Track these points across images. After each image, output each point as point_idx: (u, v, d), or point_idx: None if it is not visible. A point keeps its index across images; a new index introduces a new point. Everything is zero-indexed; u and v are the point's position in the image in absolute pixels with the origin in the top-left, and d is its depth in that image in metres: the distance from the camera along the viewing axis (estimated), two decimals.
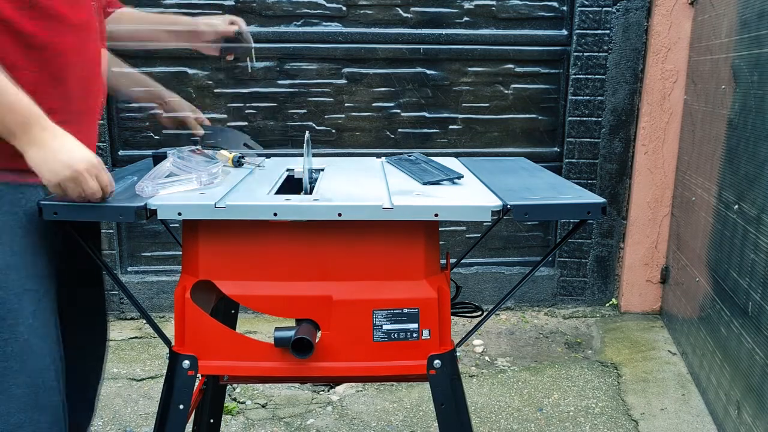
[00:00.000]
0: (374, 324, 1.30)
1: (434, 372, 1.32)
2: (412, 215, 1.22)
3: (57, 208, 1.19)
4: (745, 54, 2.27)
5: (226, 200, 1.23)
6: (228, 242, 1.29)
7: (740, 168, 2.24)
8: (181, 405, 1.32)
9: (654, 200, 3.22)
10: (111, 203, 1.20)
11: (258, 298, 1.31)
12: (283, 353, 1.29)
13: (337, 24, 3.14)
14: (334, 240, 1.29)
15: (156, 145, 3.20)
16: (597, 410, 2.44)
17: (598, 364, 2.81)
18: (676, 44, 3.06)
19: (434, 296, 1.30)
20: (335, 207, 1.22)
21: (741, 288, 2.15)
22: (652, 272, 3.29)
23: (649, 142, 3.17)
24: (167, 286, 3.28)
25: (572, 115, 3.23)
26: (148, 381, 2.65)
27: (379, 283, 1.31)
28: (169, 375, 1.33)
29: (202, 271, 1.31)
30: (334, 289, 1.30)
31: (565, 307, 3.42)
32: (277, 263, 1.30)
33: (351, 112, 3.22)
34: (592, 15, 3.13)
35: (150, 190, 1.25)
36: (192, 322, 1.31)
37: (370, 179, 1.49)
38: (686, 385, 2.61)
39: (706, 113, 2.70)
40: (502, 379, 2.68)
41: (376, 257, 1.30)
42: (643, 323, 3.23)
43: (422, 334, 1.31)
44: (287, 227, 1.27)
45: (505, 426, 2.34)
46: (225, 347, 1.32)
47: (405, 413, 2.42)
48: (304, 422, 2.36)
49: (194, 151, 1.50)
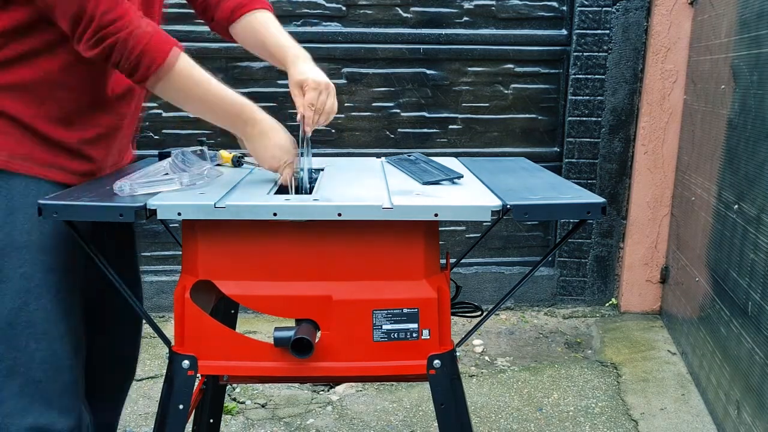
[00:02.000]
0: (374, 324, 1.30)
1: (434, 372, 1.32)
2: (412, 215, 1.22)
3: (57, 208, 1.19)
4: (744, 54, 2.27)
5: (226, 200, 1.23)
6: (227, 242, 1.29)
7: (740, 168, 2.24)
8: (180, 405, 1.32)
9: (654, 200, 3.22)
10: (111, 203, 1.20)
11: (258, 298, 1.31)
12: (283, 353, 1.29)
13: (336, 24, 3.14)
14: (333, 240, 1.29)
15: (156, 145, 3.20)
16: (597, 410, 2.44)
17: (597, 364, 2.81)
18: (676, 44, 3.06)
19: (434, 296, 1.30)
20: (335, 207, 1.21)
21: (741, 288, 2.15)
22: (652, 272, 3.29)
23: (648, 142, 3.17)
24: (167, 286, 3.28)
25: (572, 115, 3.23)
26: (147, 381, 2.65)
27: (379, 283, 1.30)
28: (169, 375, 1.33)
29: (202, 271, 1.30)
30: (334, 289, 1.30)
31: (565, 307, 3.42)
32: (276, 263, 1.30)
33: (351, 112, 3.22)
34: (591, 15, 3.13)
35: (128, 189, 1.26)
36: (192, 322, 1.31)
37: (370, 179, 1.49)
38: (686, 385, 2.61)
39: (706, 113, 2.70)
40: (502, 379, 2.68)
41: (375, 257, 1.30)
42: (643, 323, 3.23)
43: (422, 334, 1.31)
44: (287, 227, 1.27)
45: (505, 426, 2.34)
46: (225, 347, 1.32)
47: (405, 413, 2.42)
48: (304, 422, 2.36)
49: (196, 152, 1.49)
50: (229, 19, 1.54)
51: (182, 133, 3.25)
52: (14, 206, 1.27)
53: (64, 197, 1.22)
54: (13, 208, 1.27)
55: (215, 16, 1.56)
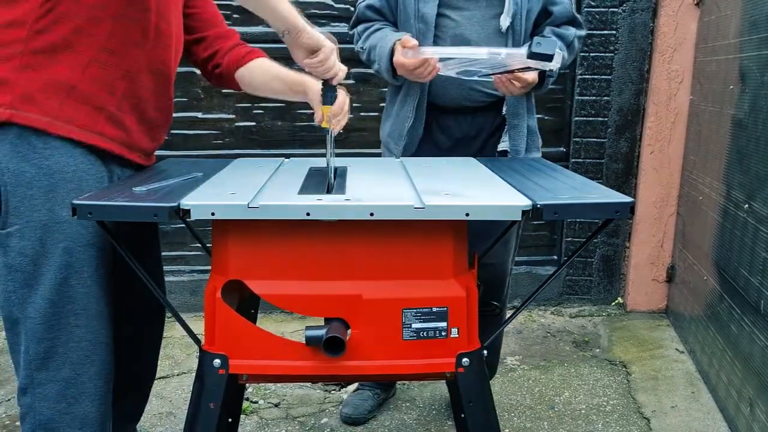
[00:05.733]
0: (403, 323, 1.31)
1: (463, 370, 1.34)
2: (443, 215, 1.23)
3: (92, 208, 1.19)
4: (754, 55, 2.29)
5: (258, 200, 1.24)
6: (258, 242, 1.30)
7: (750, 167, 2.26)
8: (211, 404, 1.33)
9: (660, 199, 3.24)
10: (145, 203, 1.20)
11: (288, 297, 1.32)
12: (313, 352, 1.30)
13: (345, 24, 3.14)
14: (363, 239, 1.30)
15: (165, 146, 3.19)
16: (608, 408, 2.46)
17: (606, 363, 2.83)
18: (682, 45, 3.08)
19: (463, 295, 1.32)
20: (367, 207, 1.22)
21: (752, 286, 2.17)
22: (658, 271, 3.31)
23: (655, 142, 3.19)
24: (174, 287, 3.28)
25: (578, 115, 3.25)
26: (159, 381, 2.65)
27: (409, 282, 1.32)
28: (200, 374, 1.34)
29: (233, 271, 1.31)
30: (364, 288, 1.31)
31: (572, 306, 3.44)
32: (307, 262, 1.31)
33: (359, 113, 3.23)
34: (598, 15, 3.15)
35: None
36: (222, 322, 1.32)
37: (395, 179, 1.50)
38: (695, 383, 2.63)
39: (713, 113, 2.72)
40: (513, 378, 2.70)
41: (405, 256, 1.31)
42: (650, 322, 3.25)
43: (451, 332, 1.33)
44: (317, 226, 1.28)
45: (519, 424, 2.35)
46: (255, 346, 1.33)
47: (418, 412, 2.43)
48: (318, 421, 2.37)
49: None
50: (238, 63, 1.71)
51: (190, 133, 3.25)
52: (55, 183, 1.32)
53: (98, 197, 1.23)
54: (54, 185, 1.32)
55: (223, 61, 1.71)
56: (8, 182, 1.30)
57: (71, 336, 1.34)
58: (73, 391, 1.36)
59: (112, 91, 1.39)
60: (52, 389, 1.35)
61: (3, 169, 1.30)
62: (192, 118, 3.19)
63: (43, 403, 1.35)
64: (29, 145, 1.30)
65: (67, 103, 1.33)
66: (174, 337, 3.00)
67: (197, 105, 3.22)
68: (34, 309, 1.32)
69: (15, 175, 1.30)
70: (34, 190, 1.31)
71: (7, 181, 1.30)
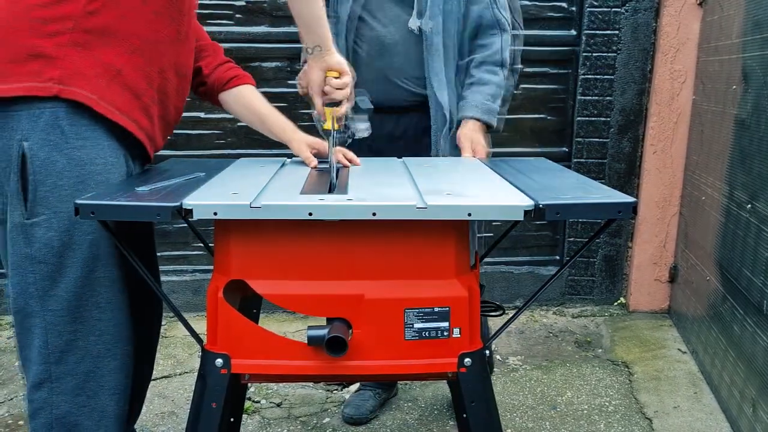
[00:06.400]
0: (405, 322, 1.31)
1: (465, 370, 1.33)
2: (445, 215, 1.23)
3: (94, 207, 1.19)
4: (757, 55, 2.28)
5: (261, 200, 1.24)
6: (260, 242, 1.30)
7: (753, 167, 2.25)
8: (213, 403, 1.33)
9: (662, 199, 3.24)
10: (148, 202, 1.20)
11: (290, 297, 1.32)
12: (315, 352, 1.30)
13: None
14: (365, 239, 1.30)
15: (167, 146, 3.20)
16: (611, 408, 2.46)
17: (609, 363, 2.83)
18: (685, 45, 3.08)
19: (465, 295, 1.32)
20: (369, 207, 1.22)
21: (755, 286, 2.17)
22: (661, 271, 3.31)
23: (657, 142, 3.19)
24: (176, 287, 3.28)
25: (581, 115, 3.25)
26: (161, 380, 2.65)
27: (411, 282, 1.32)
28: (202, 373, 1.34)
29: (235, 271, 1.31)
30: (366, 288, 1.31)
31: (574, 306, 3.44)
32: (309, 262, 1.31)
33: None
34: (600, 15, 3.15)
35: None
36: (225, 321, 1.32)
37: (398, 179, 1.50)
38: (697, 383, 2.63)
39: (716, 113, 2.72)
40: (515, 378, 2.70)
41: (407, 256, 1.31)
42: (652, 322, 3.25)
43: (453, 332, 1.33)
44: (319, 226, 1.28)
45: (521, 424, 2.35)
46: (257, 346, 1.33)
47: (420, 412, 2.43)
48: (320, 421, 2.37)
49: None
50: (222, 87, 1.72)
51: (193, 133, 3.25)
52: (85, 175, 1.33)
53: (100, 197, 1.23)
54: (84, 177, 1.33)
55: (207, 80, 1.71)
56: (38, 171, 1.29)
57: (93, 329, 1.35)
58: (93, 384, 1.36)
59: (150, 83, 1.42)
60: (70, 383, 1.35)
61: (33, 157, 1.29)
62: (195, 118, 3.20)
63: (61, 397, 1.35)
64: (61, 134, 1.30)
65: (112, 85, 1.35)
66: (176, 336, 3.01)
67: (200, 105, 3.22)
68: (56, 301, 1.32)
69: (45, 164, 1.30)
70: (65, 180, 1.31)
71: (37, 170, 1.29)
